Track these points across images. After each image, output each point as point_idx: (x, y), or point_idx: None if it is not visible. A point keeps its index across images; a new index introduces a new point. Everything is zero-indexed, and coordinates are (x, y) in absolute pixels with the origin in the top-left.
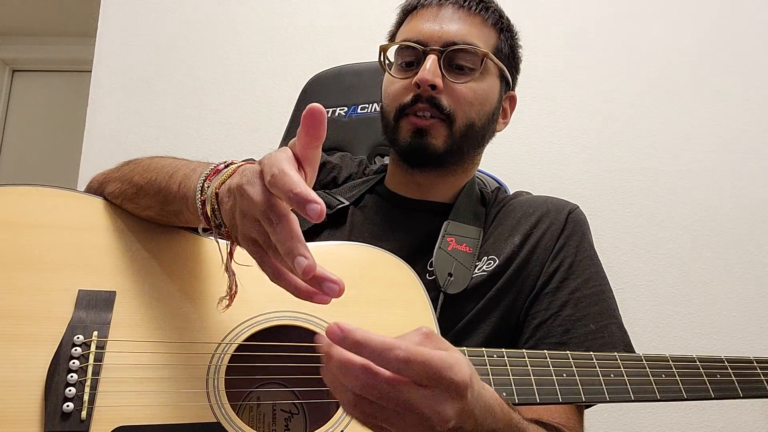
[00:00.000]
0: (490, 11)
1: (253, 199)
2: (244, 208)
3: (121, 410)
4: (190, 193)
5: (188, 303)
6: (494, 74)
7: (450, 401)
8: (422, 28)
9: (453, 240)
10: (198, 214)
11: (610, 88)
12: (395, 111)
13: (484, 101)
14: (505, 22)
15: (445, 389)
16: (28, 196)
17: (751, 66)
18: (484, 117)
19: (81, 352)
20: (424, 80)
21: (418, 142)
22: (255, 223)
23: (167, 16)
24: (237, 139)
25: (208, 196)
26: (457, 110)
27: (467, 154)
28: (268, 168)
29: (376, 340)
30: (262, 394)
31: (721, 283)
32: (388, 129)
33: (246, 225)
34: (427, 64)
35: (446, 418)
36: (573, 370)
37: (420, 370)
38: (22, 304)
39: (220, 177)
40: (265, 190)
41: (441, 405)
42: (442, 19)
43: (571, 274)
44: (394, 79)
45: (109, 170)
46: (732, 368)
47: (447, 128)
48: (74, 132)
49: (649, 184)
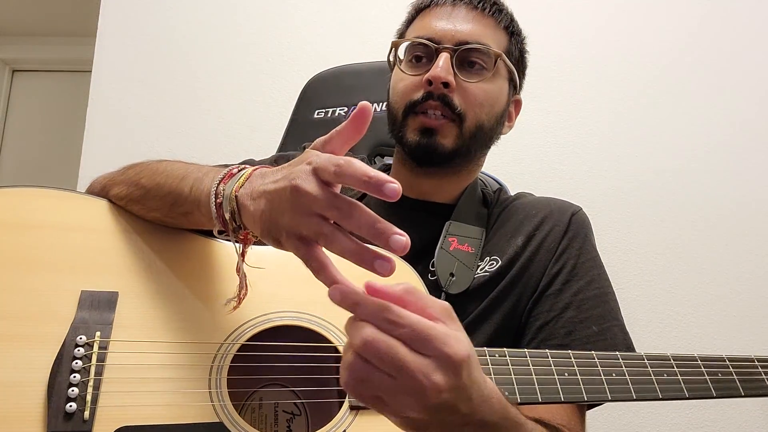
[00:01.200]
0: (503, 14)
1: (312, 194)
2: (301, 205)
3: (123, 410)
4: (203, 196)
5: (191, 303)
6: (504, 77)
7: (443, 372)
8: (435, 26)
9: (455, 240)
10: (211, 216)
11: (611, 88)
12: (404, 107)
13: (494, 103)
14: (516, 26)
15: (437, 359)
16: (30, 197)
17: (752, 66)
18: (493, 119)
19: (84, 353)
20: (437, 77)
21: (427, 141)
22: (314, 218)
23: (167, 16)
24: (237, 139)
25: (226, 199)
26: (467, 110)
27: (474, 155)
28: (326, 164)
29: (369, 301)
30: (265, 395)
31: (721, 283)
32: (396, 125)
33: (300, 222)
34: (440, 61)
35: (439, 388)
36: (575, 370)
37: (408, 333)
38: (25, 304)
39: (236, 180)
40: (323, 185)
41: (434, 374)
42: (455, 19)
43: (574, 276)
44: (404, 76)
45: (111, 173)
46: (733, 367)
47: (457, 128)
48: (74, 132)
49: (649, 184)
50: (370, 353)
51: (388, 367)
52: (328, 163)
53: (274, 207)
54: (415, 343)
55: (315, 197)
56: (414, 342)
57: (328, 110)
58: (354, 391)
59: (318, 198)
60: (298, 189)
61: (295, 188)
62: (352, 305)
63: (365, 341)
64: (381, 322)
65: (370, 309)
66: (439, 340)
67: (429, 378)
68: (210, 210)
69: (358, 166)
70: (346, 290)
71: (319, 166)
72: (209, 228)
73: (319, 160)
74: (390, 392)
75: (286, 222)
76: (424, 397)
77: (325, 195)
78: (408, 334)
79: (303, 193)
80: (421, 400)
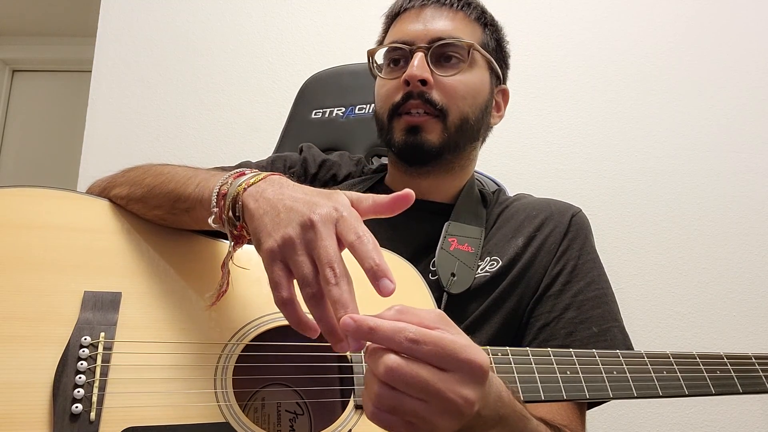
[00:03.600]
0: (471, 7)
1: (322, 240)
2: (305, 240)
3: (129, 411)
4: (207, 192)
5: (194, 304)
6: (483, 66)
7: (472, 386)
8: (408, 28)
9: (455, 240)
10: (210, 207)
11: (610, 88)
12: (388, 111)
13: (476, 94)
14: (489, 17)
15: (464, 371)
16: (32, 197)
17: (753, 66)
18: (478, 110)
19: (89, 354)
20: (413, 76)
21: (414, 139)
22: (306, 259)
23: (167, 16)
24: (237, 139)
25: (231, 188)
26: (449, 104)
27: (463, 148)
28: (351, 226)
29: (386, 324)
30: (267, 395)
31: (721, 283)
32: (383, 131)
33: (293, 252)
34: (415, 61)
35: (471, 401)
36: (576, 368)
37: (433, 350)
38: (28, 305)
39: (247, 178)
40: (335, 238)
41: (464, 389)
42: (425, 19)
43: (574, 277)
44: (384, 81)
45: (112, 175)
46: (731, 364)
47: (441, 123)
48: (74, 132)
49: (649, 184)
50: (397, 380)
51: (417, 392)
52: (352, 228)
53: (275, 218)
54: (440, 360)
55: (322, 244)
56: (439, 358)
57: (325, 110)
58: (385, 422)
59: (324, 247)
60: (313, 225)
61: (310, 222)
62: (368, 331)
63: (390, 368)
64: (402, 342)
65: (389, 332)
66: (464, 352)
67: (460, 394)
68: (211, 202)
69: (370, 248)
70: (359, 317)
71: (343, 224)
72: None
73: (348, 216)
74: (424, 416)
75: (279, 236)
76: (459, 414)
77: (335, 253)
78: (432, 351)
79: (316, 231)
80: (457, 417)
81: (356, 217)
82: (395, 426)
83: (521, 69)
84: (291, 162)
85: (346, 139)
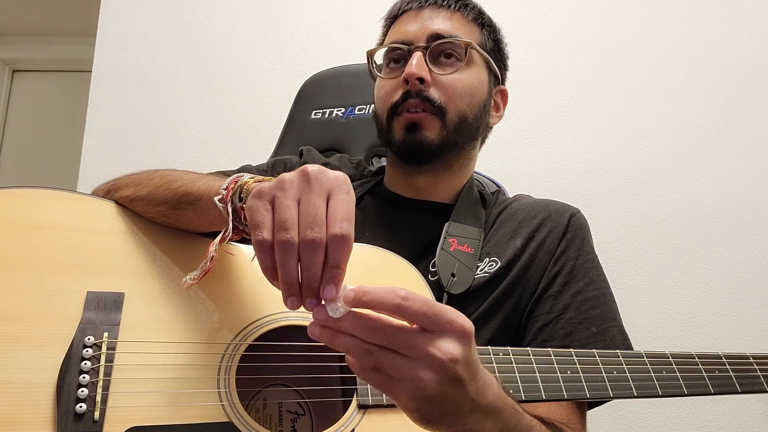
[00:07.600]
0: (468, 8)
1: (315, 203)
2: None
3: (133, 411)
4: (216, 185)
5: (197, 304)
6: (481, 66)
7: (455, 340)
8: (406, 29)
9: (455, 241)
10: (219, 190)
11: (610, 89)
12: (387, 111)
13: (474, 92)
14: (486, 18)
15: (447, 331)
16: (34, 198)
17: (753, 66)
18: (476, 108)
19: (92, 353)
20: (411, 74)
21: (413, 137)
22: (294, 205)
23: (167, 16)
24: (237, 139)
25: (242, 179)
26: (447, 102)
27: (462, 147)
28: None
29: (379, 288)
30: (268, 394)
31: (721, 283)
32: (383, 130)
33: (283, 199)
34: (414, 59)
35: (454, 357)
36: (577, 368)
37: (421, 309)
38: (31, 306)
39: (258, 178)
40: (325, 205)
41: (446, 343)
42: (423, 19)
43: (573, 277)
44: (384, 82)
45: (115, 179)
46: (730, 364)
47: (440, 121)
48: (74, 132)
49: (649, 184)
50: (380, 337)
51: (401, 346)
52: (338, 219)
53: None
54: (426, 319)
55: (313, 200)
56: (426, 317)
57: (325, 111)
58: (371, 379)
59: (314, 204)
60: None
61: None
62: (363, 293)
63: (375, 322)
64: (394, 299)
65: (382, 291)
66: (449, 313)
67: (442, 349)
68: (220, 190)
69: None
70: (357, 289)
71: (335, 201)
72: (210, 221)
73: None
74: (407, 372)
75: (274, 181)
76: (443, 369)
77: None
78: (420, 309)
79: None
80: (440, 372)
81: (350, 201)
82: (381, 383)
83: (521, 69)
84: (291, 165)
85: (345, 140)
